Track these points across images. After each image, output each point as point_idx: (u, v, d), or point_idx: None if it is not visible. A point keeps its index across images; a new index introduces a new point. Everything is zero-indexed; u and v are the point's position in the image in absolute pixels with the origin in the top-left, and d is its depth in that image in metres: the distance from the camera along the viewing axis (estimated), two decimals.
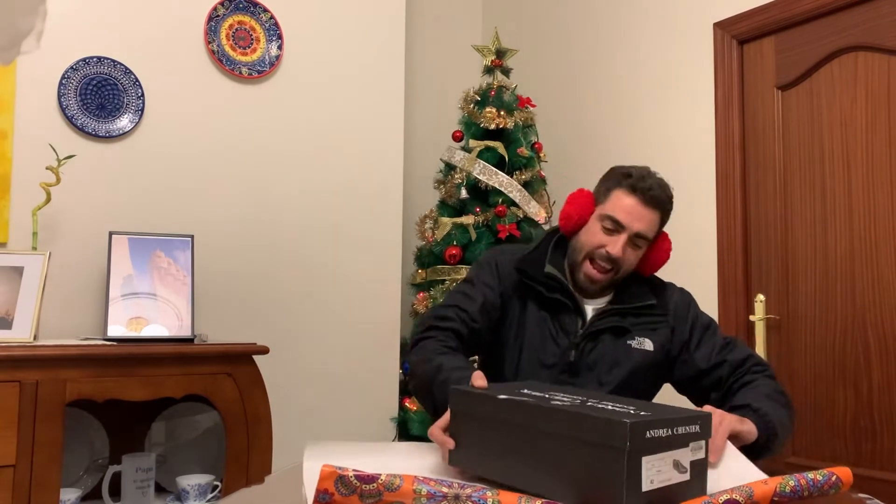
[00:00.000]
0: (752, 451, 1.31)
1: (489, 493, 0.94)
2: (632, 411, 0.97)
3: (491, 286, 1.61)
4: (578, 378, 1.57)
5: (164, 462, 2.38)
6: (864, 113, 2.36)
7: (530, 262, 1.63)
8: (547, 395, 1.09)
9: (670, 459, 0.94)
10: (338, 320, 2.89)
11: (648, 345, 1.59)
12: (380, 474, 0.95)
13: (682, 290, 1.69)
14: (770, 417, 1.37)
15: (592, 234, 1.58)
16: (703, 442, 0.99)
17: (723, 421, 1.26)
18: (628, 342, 1.58)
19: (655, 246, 1.62)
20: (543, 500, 0.94)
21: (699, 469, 0.99)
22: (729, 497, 0.95)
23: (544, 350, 1.58)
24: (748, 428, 1.31)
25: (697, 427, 0.98)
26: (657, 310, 1.61)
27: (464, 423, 1.13)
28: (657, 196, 1.56)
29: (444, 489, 0.95)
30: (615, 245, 1.54)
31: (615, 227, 1.55)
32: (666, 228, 1.61)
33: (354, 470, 0.96)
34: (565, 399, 1.07)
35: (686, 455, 0.96)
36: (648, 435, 0.92)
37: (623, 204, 1.55)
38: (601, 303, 1.64)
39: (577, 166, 3.23)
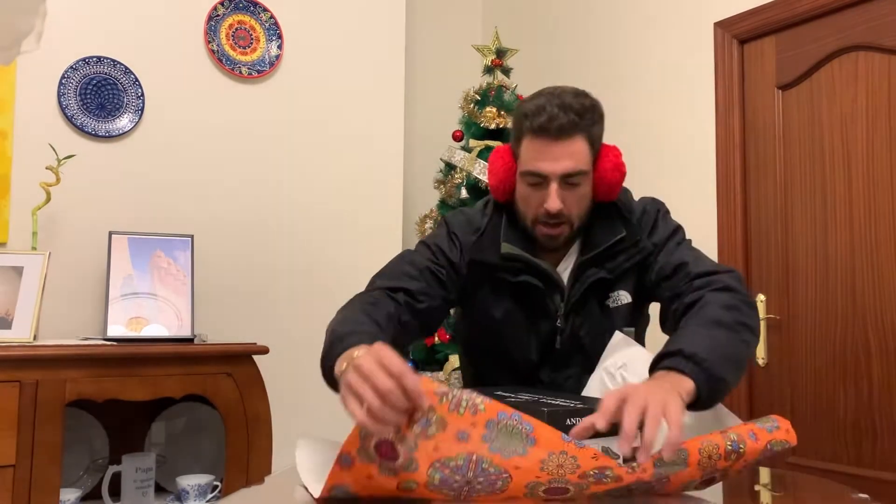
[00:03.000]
0: (709, 402, 1.08)
1: (500, 483, 0.97)
2: (570, 403, 1.03)
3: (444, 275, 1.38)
4: (569, 369, 1.38)
5: (164, 462, 2.38)
6: (865, 113, 2.36)
7: (484, 246, 1.39)
8: (507, 394, 1.15)
9: (598, 446, 0.96)
10: None
11: (625, 297, 1.38)
12: (399, 455, 0.97)
13: (652, 200, 1.45)
14: (708, 363, 1.07)
15: (524, 197, 1.36)
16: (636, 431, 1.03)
17: (667, 407, 0.94)
18: (606, 302, 1.37)
19: (599, 167, 1.35)
20: (548, 490, 0.95)
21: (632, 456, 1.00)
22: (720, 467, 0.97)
23: (523, 347, 1.38)
24: (686, 391, 1.04)
25: None
26: (629, 240, 1.37)
27: None
28: (565, 123, 1.28)
29: (458, 477, 0.96)
30: (550, 200, 1.31)
31: (539, 180, 1.32)
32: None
33: (378, 444, 0.96)
34: (521, 397, 1.12)
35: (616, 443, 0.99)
36: (569, 422, 0.97)
37: (533, 152, 1.31)
38: (572, 258, 1.41)
39: None
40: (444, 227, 1.44)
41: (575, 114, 1.30)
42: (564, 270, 1.40)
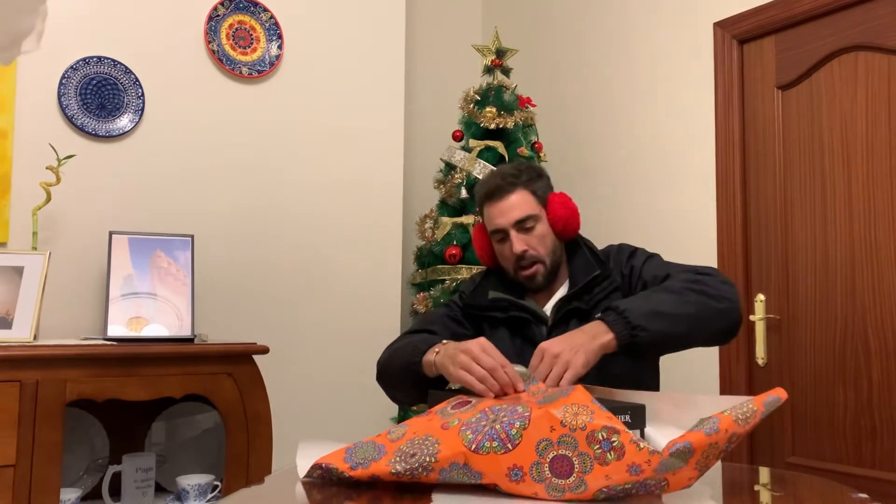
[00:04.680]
0: (636, 349, 1.34)
1: (521, 409, 1.04)
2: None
3: (455, 318, 1.73)
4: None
5: (164, 462, 2.39)
6: (865, 113, 2.36)
7: (477, 295, 1.71)
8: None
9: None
10: (338, 320, 2.89)
11: None
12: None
13: (619, 245, 1.71)
14: (627, 311, 1.34)
15: (499, 253, 1.69)
16: (636, 431, 1.08)
17: (569, 363, 1.27)
18: None
19: (550, 211, 1.66)
20: (553, 460, 0.99)
21: None
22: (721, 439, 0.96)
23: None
24: (605, 339, 1.32)
25: (628, 417, 1.08)
26: (602, 276, 1.62)
27: None
28: (503, 185, 1.64)
29: (483, 422, 1.04)
30: (513, 245, 1.62)
31: (502, 234, 1.65)
32: (666, 228, 1.61)
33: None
34: None
35: None
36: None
37: (489, 216, 1.67)
38: (557, 297, 1.66)
39: (577, 166, 3.23)
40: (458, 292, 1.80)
41: (511, 176, 1.65)
42: (550, 309, 1.65)
